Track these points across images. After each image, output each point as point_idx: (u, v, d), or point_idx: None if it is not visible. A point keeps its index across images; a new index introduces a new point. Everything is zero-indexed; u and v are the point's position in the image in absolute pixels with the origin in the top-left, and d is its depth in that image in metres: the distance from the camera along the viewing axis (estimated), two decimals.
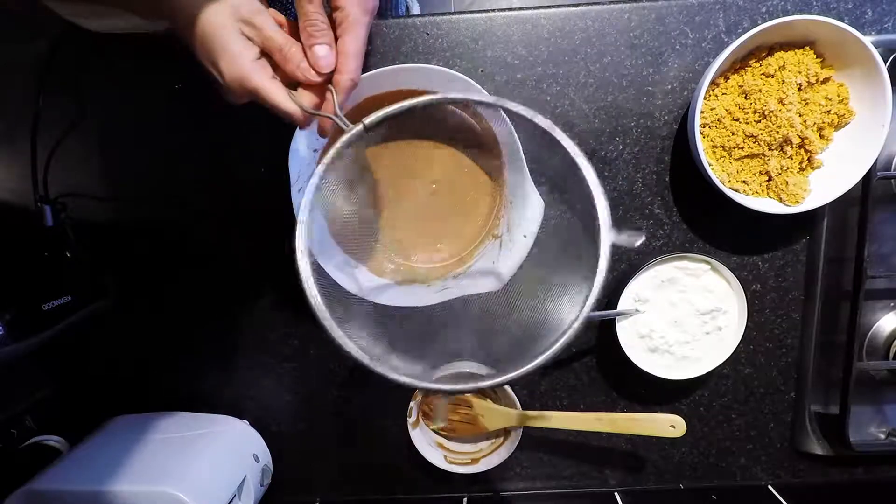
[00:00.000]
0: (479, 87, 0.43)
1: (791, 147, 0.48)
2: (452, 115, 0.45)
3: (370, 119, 0.35)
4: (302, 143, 0.45)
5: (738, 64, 0.48)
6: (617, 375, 0.57)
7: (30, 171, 0.52)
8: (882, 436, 0.54)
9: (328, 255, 0.47)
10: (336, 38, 0.37)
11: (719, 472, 0.59)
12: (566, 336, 0.32)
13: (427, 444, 0.55)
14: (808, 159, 0.49)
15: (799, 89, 0.47)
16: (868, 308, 0.53)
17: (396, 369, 0.34)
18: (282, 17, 0.38)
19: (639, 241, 0.33)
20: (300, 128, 0.39)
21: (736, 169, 0.50)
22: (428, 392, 0.38)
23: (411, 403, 0.54)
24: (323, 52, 0.36)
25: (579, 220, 0.37)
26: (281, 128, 0.53)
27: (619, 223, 0.54)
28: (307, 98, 0.38)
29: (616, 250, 0.55)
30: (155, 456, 0.49)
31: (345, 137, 0.36)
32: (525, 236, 0.46)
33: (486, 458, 0.55)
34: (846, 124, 0.48)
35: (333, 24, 0.38)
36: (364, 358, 0.34)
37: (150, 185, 0.55)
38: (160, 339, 0.58)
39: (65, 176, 0.54)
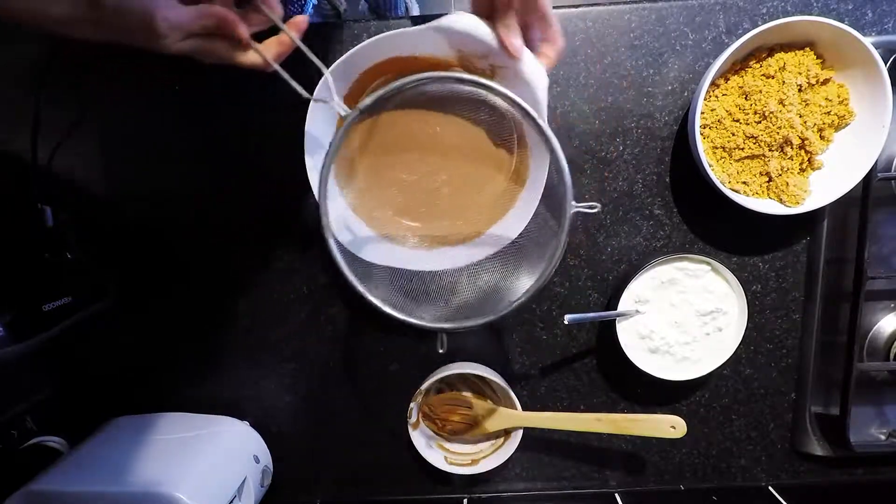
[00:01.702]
0: (480, 28, 0.39)
1: (791, 148, 0.48)
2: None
3: (364, 103, 0.38)
4: (316, 127, 0.45)
5: (739, 65, 0.48)
6: (617, 376, 0.57)
7: (30, 171, 0.52)
8: (882, 437, 0.54)
9: (349, 230, 0.48)
10: None
11: (720, 473, 0.59)
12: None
13: (427, 444, 0.55)
14: (809, 160, 0.49)
15: (799, 90, 0.47)
16: (868, 309, 0.53)
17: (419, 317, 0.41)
18: None
19: (595, 208, 0.38)
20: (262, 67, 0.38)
21: (736, 170, 0.50)
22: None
23: (411, 404, 0.54)
24: None
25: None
26: (281, 130, 0.53)
27: (618, 223, 0.54)
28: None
29: (616, 251, 0.55)
30: (155, 457, 0.49)
31: (346, 123, 0.38)
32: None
33: (486, 458, 0.55)
34: (846, 125, 0.48)
35: None
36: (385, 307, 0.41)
37: (151, 185, 0.55)
38: (160, 340, 0.58)
39: (65, 177, 0.54)
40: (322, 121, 0.45)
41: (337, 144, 0.39)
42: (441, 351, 0.42)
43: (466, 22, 0.40)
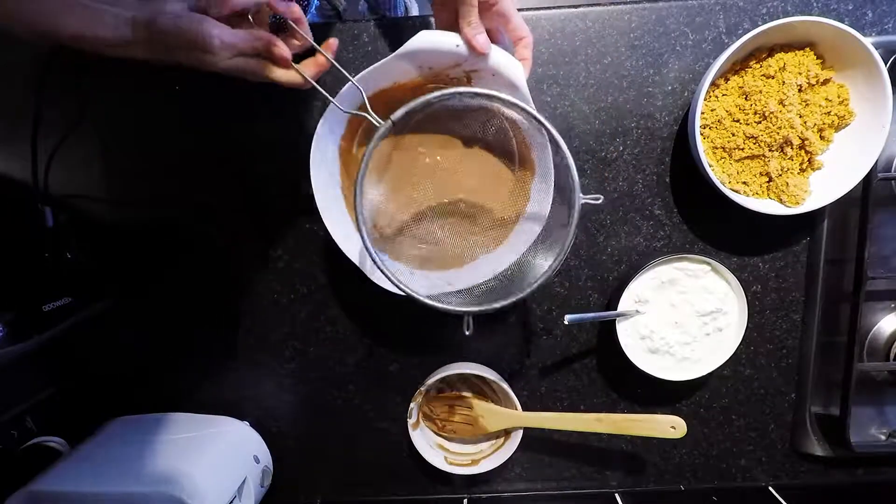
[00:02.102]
0: (442, 40, 0.41)
1: (791, 148, 0.48)
2: (488, 115, 0.46)
3: (396, 115, 0.40)
4: (324, 141, 0.45)
5: (739, 65, 0.48)
6: (617, 376, 0.57)
7: (30, 172, 0.52)
8: (883, 437, 0.54)
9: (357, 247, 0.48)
10: None
11: (720, 474, 0.59)
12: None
13: (427, 445, 0.55)
14: (809, 160, 0.49)
15: (799, 90, 0.47)
16: (868, 309, 0.53)
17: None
18: None
19: (599, 200, 0.42)
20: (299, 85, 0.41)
21: (736, 170, 0.50)
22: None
23: (411, 404, 0.53)
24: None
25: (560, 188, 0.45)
26: (282, 130, 0.53)
27: (618, 223, 0.54)
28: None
29: (617, 251, 0.56)
30: (155, 457, 0.49)
31: (377, 134, 0.40)
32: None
33: (486, 459, 0.55)
34: (846, 125, 0.48)
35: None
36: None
37: (150, 186, 0.55)
38: (160, 340, 0.58)
39: (65, 177, 0.54)
40: (327, 127, 0.46)
41: (368, 157, 0.41)
42: (468, 333, 0.44)
43: (426, 39, 0.41)
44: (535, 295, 0.56)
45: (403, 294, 0.43)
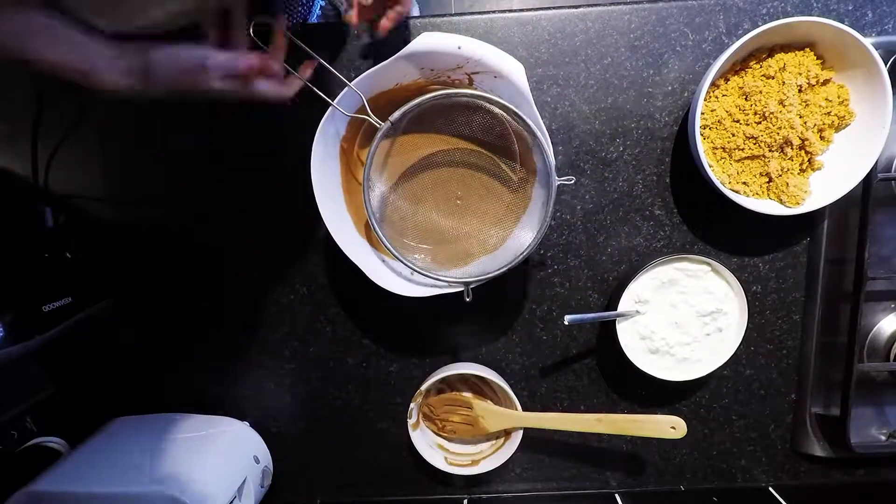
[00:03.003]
0: (444, 42, 0.42)
1: (791, 148, 0.48)
2: (492, 119, 0.47)
3: (394, 116, 0.44)
4: (325, 142, 0.46)
5: (739, 65, 0.48)
6: (617, 377, 0.57)
7: (31, 172, 0.52)
8: (883, 437, 0.54)
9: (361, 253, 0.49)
10: None
11: (720, 474, 0.59)
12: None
13: (427, 445, 0.55)
14: (809, 161, 0.49)
15: (799, 91, 0.47)
16: (869, 309, 0.53)
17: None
18: None
19: (571, 181, 0.45)
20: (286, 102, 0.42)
21: (736, 170, 0.50)
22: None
23: (411, 405, 0.53)
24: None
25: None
26: (282, 130, 0.53)
27: (618, 223, 0.54)
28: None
29: (617, 251, 0.55)
30: (155, 457, 0.49)
31: (378, 135, 0.44)
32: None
33: (486, 459, 0.55)
34: (846, 126, 0.48)
35: None
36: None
37: (151, 186, 0.55)
38: (160, 341, 0.58)
39: (65, 177, 0.54)
40: (329, 128, 0.46)
41: (371, 156, 0.44)
42: (468, 300, 0.47)
43: (428, 41, 0.42)
44: (535, 295, 0.56)
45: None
